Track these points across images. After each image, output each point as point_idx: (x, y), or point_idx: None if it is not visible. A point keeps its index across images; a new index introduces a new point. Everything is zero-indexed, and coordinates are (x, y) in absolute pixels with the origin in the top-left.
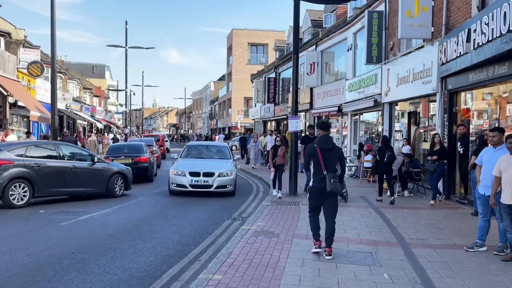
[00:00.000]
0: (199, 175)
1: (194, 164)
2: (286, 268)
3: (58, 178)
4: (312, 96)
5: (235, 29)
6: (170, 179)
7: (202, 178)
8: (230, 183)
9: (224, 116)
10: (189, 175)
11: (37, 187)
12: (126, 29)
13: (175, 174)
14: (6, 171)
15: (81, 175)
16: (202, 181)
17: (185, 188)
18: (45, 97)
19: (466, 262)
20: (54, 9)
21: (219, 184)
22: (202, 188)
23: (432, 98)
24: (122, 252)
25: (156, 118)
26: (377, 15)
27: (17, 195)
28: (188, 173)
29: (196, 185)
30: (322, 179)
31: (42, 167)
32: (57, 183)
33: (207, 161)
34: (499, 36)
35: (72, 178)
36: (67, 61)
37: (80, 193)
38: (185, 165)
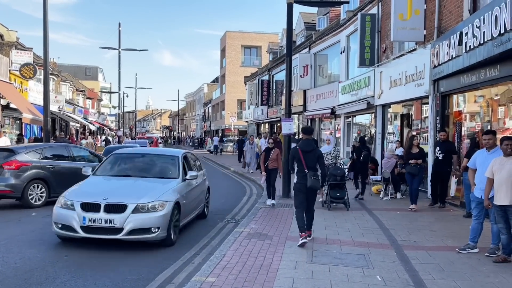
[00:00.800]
0: (98, 208)
1: (100, 188)
2: (280, 270)
3: (71, 179)
4: (306, 99)
5: (228, 31)
6: (53, 215)
7: (104, 216)
8: (158, 224)
9: (218, 118)
10: (81, 208)
11: (53, 187)
12: (119, 31)
13: (61, 207)
14: (25, 173)
15: None
16: (102, 220)
17: (74, 232)
18: (38, 99)
19: (458, 264)
20: (46, 11)
21: (135, 227)
22: (102, 233)
23: (424, 101)
24: (115, 255)
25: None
26: (370, 18)
27: (35, 195)
28: (79, 206)
29: (92, 227)
30: (304, 176)
31: (56, 169)
32: (70, 184)
33: (132, 181)
34: (491, 39)
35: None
36: (60, 63)
37: None
38: (84, 189)
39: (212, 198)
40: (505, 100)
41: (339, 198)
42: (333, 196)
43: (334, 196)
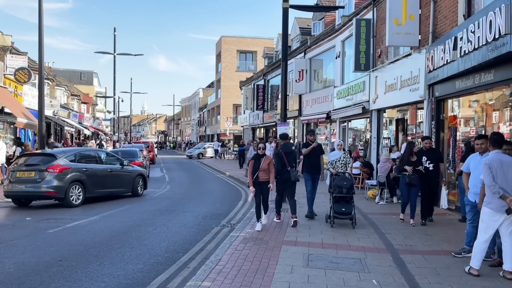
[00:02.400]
0: None
1: None
2: (275, 274)
3: (101, 180)
4: (301, 103)
5: (224, 36)
6: None
7: None
8: None
9: (213, 123)
10: None
11: (87, 188)
12: (114, 36)
13: None
14: (67, 176)
15: (115, 177)
16: None
17: None
18: (32, 104)
19: (453, 268)
20: (42, 15)
21: None
22: None
23: (419, 105)
24: (110, 259)
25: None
26: (365, 23)
27: (74, 195)
28: None
29: None
30: (287, 172)
31: (90, 171)
32: (101, 185)
33: None
34: (485, 44)
35: (110, 180)
36: (54, 68)
37: (115, 193)
38: None
39: (207, 203)
40: (499, 105)
41: (344, 213)
42: (337, 211)
43: (338, 211)
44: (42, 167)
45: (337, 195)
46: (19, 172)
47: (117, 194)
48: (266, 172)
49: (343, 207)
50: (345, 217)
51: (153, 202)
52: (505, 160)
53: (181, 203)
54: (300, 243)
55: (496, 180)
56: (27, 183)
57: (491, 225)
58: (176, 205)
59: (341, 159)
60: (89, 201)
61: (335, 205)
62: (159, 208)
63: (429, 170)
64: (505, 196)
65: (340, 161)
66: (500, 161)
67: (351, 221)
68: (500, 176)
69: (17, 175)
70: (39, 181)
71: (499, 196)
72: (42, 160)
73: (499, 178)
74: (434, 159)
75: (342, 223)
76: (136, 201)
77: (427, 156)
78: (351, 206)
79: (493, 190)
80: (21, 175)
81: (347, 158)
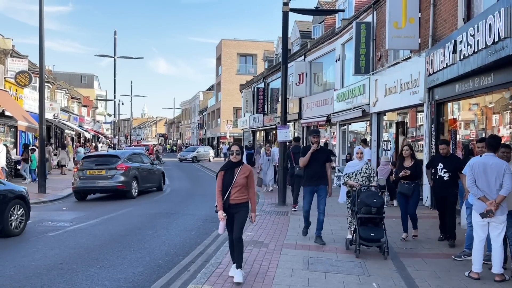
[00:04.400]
0: None
1: None
2: (276, 278)
3: (146, 176)
4: (301, 106)
5: (224, 39)
6: None
7: None
8: None
9: (213, 126)
10: None
11: (139, 183)
12: (115, 39)
13: None
14: (130, 173)
15: (152, 174)
16: None
17: None
18: (33, 107)
19: (454, 271)
20: (42, 18)
21: None
22: None
23: (419, 109)
24: (110, 262)
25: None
26: (365, 26)
27: (133, 189)
28: None
29: None
30: (293, 168)
31: (140, 169)
32: (146, 180)
33: None
34: (485, 48)
35: (149, 177)
36: (55, 71)
37: (150, 188)
38: None
39: (207, 206)
40: (499, 108)
41: (373, 240)
42: (365, 236)
43: (365, 236)
44: (111, 166)
45: (363, 215)
46: (89, 171)
47: (150, 188)
48: (243, 190)
49: (371, 232)
50: (374, 244)
51: (153, 205)
52: (489, 163)
53: (181, 206)
54: (300, 246)
55: (477, 183)
56: (99, 180)
57: (480, 226)
58: (176, 208)
59: (362, 171)
60: (89, 203)
61: (361, 229)
62: (159, 211)
63: (444, 180)
64: (485, 198)
65: (362, 174)
66: (484, 164)
67: (382, 249)
68: (482, 179)
69: (88, 173)
70: (110, 178)
71: (477, 197)
72: (109, 160)
73: (480, 181)
74: (452, 167)
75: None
76: (136, 204)
77: (444, 163)
78: (382, 230)
79: (472, 191)
80: (91, 173)
81: (370, 170)
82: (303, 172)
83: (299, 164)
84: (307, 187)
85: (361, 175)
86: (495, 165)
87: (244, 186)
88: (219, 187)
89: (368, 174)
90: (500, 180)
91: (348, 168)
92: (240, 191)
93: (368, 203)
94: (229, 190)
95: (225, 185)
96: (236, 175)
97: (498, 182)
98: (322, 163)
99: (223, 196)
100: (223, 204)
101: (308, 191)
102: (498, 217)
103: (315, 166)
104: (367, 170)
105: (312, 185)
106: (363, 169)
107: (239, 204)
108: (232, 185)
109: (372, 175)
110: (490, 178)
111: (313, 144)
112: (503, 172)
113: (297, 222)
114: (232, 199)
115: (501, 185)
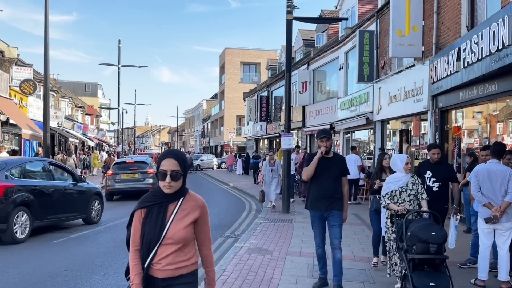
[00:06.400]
0: None
1: None
2: (280, 285)
3: None
4: (304, 114)
5: (227, 48)
6: None
7: None
8: None
9: (217, 134)
10: None
11: None
12: (119, 48)
13: None
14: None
15: None
16: None
17: None
18: (37, 115)
19: (459, 278)
20: (47, 28)
21: None
22: None
23: (423, 116)
24: (114, 269)
25: (148, 137)
26: (368, 35)
27: None
28: None
29: None
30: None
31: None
32: None
33: None
34: (489, 55)
35: None
36: (59, 80)
37: None
38: None
39: (211, 213)
40: (503, 116)
41: None
42: (420, 287)
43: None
44: (143, 170)
45: (418, 256)
46: (123, 175)
47: None
48: (186, 250)
49: (431, 280)
50: None
51: None
52: (493, 170)
53: None
54: (305, 254)
55: (482, 189)
56: (133, 182)
57: (485, 233)
58: None
59: (408, 188)
60: None
61: (415, 276)
62: None
63: (432, 191)
64: (490, 205)
65: (408, 193)
66: (488, 171)
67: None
68: (487, 186)
69: (122, 177)
70: (142, 180)
71: (482, 204)
72: (140, 165)
73: (485, 187)
74: (442, 177)
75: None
76: None
77: (433, 172)
78: (446, 276)
79: (477, 198)
80: (126, 176)
81: (418, 185)
82: (307, 189)
83: (303, 177)
84: (313, 212)
85: (407, 193)
86: (499, 172)
87: (188, 241)
88: (134, 243)
89: (415, 192)
90: (505, 187)
91: (390, 184)
92: (177, 253)
93: (424, 238)
94: (154, 250)
95: (147, 239)
96: (170, 220)
97: (503, 188)
98: (335, 176)
99: (142, 262)
100: (143, 278)
101: (315, 217)
102: (504, 224)
103: (325, 180)
104: (414, 186)
105: (321, 209)
106: (409, 184)
107: (176, 279)
108: (161, 240)
109: (420, 191)
110: (495, 185)
111: (319, 149)
112: (507, 178)
113: (301, 229)
114: (160, 269)
115: (506, 191)
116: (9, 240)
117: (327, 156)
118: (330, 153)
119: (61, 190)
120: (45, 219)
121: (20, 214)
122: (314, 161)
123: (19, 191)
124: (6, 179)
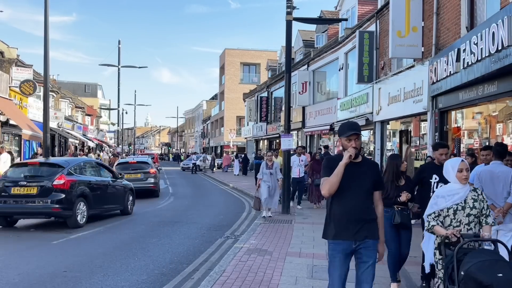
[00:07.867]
0: None
1: None
2: (280, 286)
3: None
4: (304, 115)
5: (227, 49)
6: None
7: None
8: None
9: (217, 135)
10: None
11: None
12: (119, 48)
13: None
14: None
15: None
16: None
17: None
18: (37, 116)
19: None
20: (47, 29)
21: None
22: None
23: (423, 117)
24: (114, 270)
25: (148, 137)
26: (368, 35)
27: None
28: None
29: None
30: None
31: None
32: None
33: None
34: (488, 56)
35: None
36: (59, 80)
37: None
38: None
39: (211, 214)
40: (503, 117)
41: None
42: None
43: None
44: (145, 170)
45: None
46: (127, 174)
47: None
48: None
49: None
50: None
51: (157, 214)
52: (496, 171)
53: (185, 214)
54: (305, 254)
55: (484, 191)
56: (136, 181)
57: None
58: (180, 217)
59: (467, 204)
60: None
61: None
62: (163, 220)
63: None
64: (493, 206)
65: (465, 211)
66: (490, 172)
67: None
68: (489, 187)
69: (126, 176)
70: (145, 180)
71: None
72: (142, 166)
73: (488, 189)
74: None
75: None
76: (140, 212)
77: (440, 176)
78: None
79: None
80: (129, 176)
81: (482, 202)
82: (327, 208)
83: (322, 192)
84: (336, 243)
85: (464, 212)
86: (501, 173)
87: None
88: None
89: (478, 211)
90: (507, 188)
91: (438, 200)
92: None
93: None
94: None
95: None
96: None
97: (505, 189)
98: (367, 189)
99: None
100: None
101: (337, 250)
102: (507, 225)
103: (354, 195)
104: (476, 202)
105: (348, 237)
106: (468, 201)
107: None
108: None
109: (485, 212)
110: (497, 186)
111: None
112: (510, 179)
113: (301, 230)
114: None
115: (509, 192)
116: (73, 224)
117: (356, 161)
118: (359, 156)
119: (106, 185)
120: (96, 209)
121: (81, 204)
122: (340, 169)
123: (79, 185)
124: (71, 175)
